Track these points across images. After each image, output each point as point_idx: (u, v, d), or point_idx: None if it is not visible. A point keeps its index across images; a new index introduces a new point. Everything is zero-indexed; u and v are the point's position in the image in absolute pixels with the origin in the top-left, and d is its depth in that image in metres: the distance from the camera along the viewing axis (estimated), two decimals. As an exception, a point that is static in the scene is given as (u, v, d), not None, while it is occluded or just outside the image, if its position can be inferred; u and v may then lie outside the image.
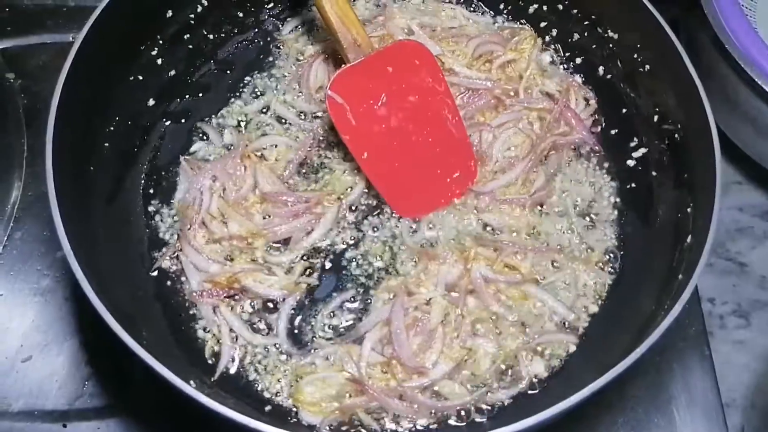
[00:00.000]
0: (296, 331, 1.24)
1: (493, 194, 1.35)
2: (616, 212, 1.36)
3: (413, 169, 1.34)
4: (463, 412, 1.16)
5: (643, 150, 1.36)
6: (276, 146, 1.40)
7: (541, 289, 1.27)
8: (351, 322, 1.25)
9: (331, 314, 1.25)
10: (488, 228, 1.33)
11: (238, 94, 1.48)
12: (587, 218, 1.35)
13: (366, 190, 1.36)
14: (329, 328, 1.24)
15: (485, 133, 1.40)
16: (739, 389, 1.36)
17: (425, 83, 1.34)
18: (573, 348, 1.23)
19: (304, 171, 1.39)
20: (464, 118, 1.39)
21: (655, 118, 1.33)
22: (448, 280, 1.26)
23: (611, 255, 1.32)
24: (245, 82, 1.49)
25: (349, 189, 1.36)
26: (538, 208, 1.35)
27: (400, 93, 1.33)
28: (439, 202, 1.35)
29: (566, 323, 1.25)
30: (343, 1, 1.33)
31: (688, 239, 1.14)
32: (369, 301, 1.26)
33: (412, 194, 1.35)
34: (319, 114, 1.45)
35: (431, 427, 1.15)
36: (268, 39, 1.55)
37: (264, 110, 1.45)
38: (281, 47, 1.53)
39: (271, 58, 1.52)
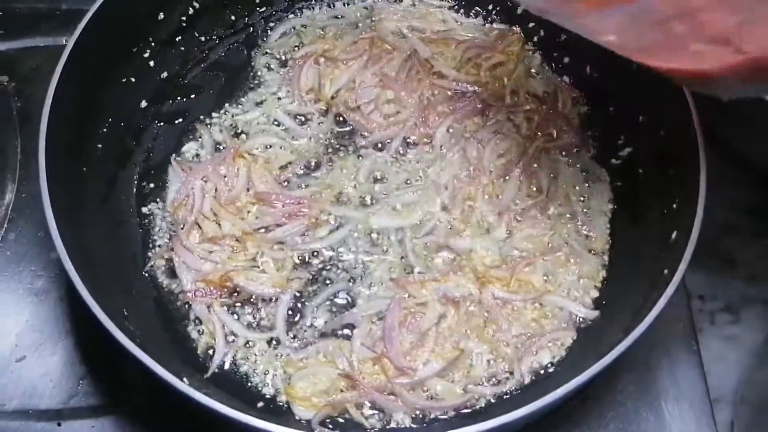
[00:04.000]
0: (288, 326, 1.25)
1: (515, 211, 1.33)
2: (604, 209, 1.37)
3: None
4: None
5: (629, 149, 1.37)
6: (269, 147, 1.41)
7: (555, 296, 1.26)
8: (341, 316, 1.25)
9: (323, 309, 1.26)
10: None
11: (229, 95, 1.49)
12: (579, 215, 1.36)
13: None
14: (320, 323, 1.25)
15: (470, 148, 1.38)
16: (729, 384, 1.36)
17: None
18: (570, 342, 1.23)
19: (302, 172, 1.40)
20: (454, 123, 1.40)
21: (641, 116, 1.33)
22: (449, 293, 1.24)
23: (601, 252, 1.33)
24: (237, 83, 1.50)
25: (342, 191, 1.37)
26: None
27: None
28: None
29: (574, 318, 1.25)
30: None
31: (674, 234, 1.15)
32: (358, 295, 1.27)
33: None
34: (313, 116, 1.45)
35: (416, 425, 1.16)
36: (259, 41, 1.56)
37: (255, 111, 1.46)
38: (272, 49, 1.54)
39: (261, 60, 1.53)
